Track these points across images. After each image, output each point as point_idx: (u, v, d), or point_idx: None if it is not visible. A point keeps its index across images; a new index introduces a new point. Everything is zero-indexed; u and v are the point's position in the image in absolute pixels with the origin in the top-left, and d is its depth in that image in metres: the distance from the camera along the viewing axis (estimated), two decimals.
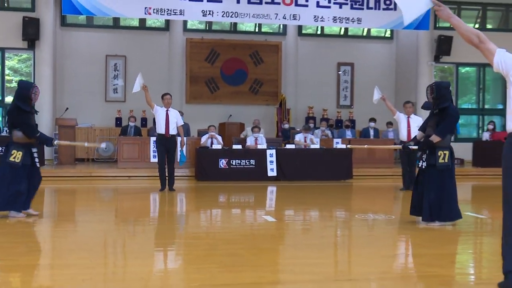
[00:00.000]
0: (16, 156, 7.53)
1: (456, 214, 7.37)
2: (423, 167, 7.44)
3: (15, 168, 7.55)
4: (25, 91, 7.64)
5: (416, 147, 7.84)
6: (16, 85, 7.94)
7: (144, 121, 19.21)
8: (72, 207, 10.06)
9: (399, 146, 8.57)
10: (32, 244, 6.46)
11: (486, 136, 18.10)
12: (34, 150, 7.84)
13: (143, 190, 12.61)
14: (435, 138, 7.28)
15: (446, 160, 7.30)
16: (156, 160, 15.10)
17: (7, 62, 18.97)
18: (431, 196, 7.26)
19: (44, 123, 17.72)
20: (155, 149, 15.25)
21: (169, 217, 8.67)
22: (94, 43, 19.83)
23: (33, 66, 18.30)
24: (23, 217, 7.70)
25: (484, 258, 5.86)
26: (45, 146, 8.22)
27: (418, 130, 8.04)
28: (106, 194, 12.15)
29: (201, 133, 16.37)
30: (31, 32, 17.46)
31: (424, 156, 7.44)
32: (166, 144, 11.36)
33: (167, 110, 11.38)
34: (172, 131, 11.38)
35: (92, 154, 18.41)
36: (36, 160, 7.83)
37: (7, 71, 19.00)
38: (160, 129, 11.34)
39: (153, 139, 15.43)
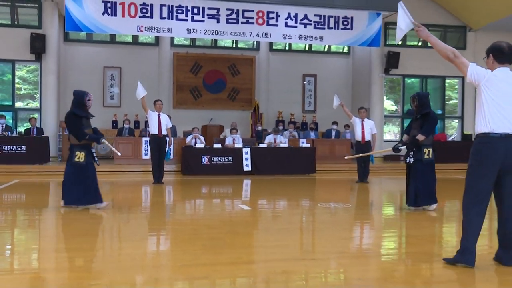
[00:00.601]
0: (80, 156, 7.49)
1: (435, 200, 7.83)
2: (411, 162, 7.73)
3: (81, 167, 7.50)
4: (80, 98, 7.61)
5: (404, 147, 8.05)
6: (72, 94, 7.84)
7: (137, 123, 19.12)
8: None
9: (389, 149, 8.66)
10: (41, 230, 6.38)
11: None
12: (93, 150, 7.80)
13: (136, 183, 12.53)
14: (420, 137, 7.58)
15: (430, 156, 7.68)
16: (147, 157, 15.13)
17: (17, 72, 18.67)
18: (418, 186, 7.63)
19: (50, 124, 17.57)
20: (146, 147, 15.22)
21: (159, 206, 8.61)
22: (93, 56, 19.67)
23: (40, 76, 18.09)
24: (106, 205, 7.74)
25: (427, 240, 5.93)
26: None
27: (404, 133, 8.32)
28: (103, 187, 11.99)
29: (186, 134, 16.34)
30: (38, 46, 17.27)
31: (411, 153, 7.72)
32: (159, 143, 11.42)
33: (158, 114, 11.42)
34: (164, 132, 11.43)
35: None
36: (95, 158, 7.79)
37: (17, 80, 18.71)
38: (154, 130, 11.37)
39: (145, 139, 15.40)
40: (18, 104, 18.91)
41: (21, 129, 17.58)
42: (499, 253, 4.55)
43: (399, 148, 8.12)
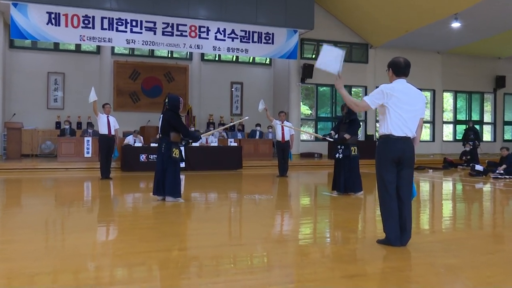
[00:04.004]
0: (175, 153, 7.41)
1: (361, 188, 8.53)
2: (340, 157, 8.51)
3: (175, 162, 7.43)
4: (176, 102, 7.56)
5: (331, 139, 8.91)
6: (167, 99, 7.66)
7: (79, 124, 18.43)
8: (19, 193, 9.41)
9: (321, 136, 9.70)
10: None
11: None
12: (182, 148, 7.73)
13: (79, 179, 12.02)
14: (347, 136, 8.45)
15: (356, 153, 8.50)
16: (89, 155, 14.66)
17: None
18: (346, 177, 8.37)
19: None
20: (88, 146, 14.72)
21: (100, 200, 8.31)
22: (37, 62, 18.71)
23: None
24: (182, 201, 7.48)
25: (336, 225, 6.09)
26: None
27: (331, 130, 9.08)
28: (47, 183, 11.46)
29: (126, 134, 15.99)
30: None
31: (340, 150, 8.50)
32: (108, 142, 11.19)
33: (107, 116, 11.21)
34: (112, 132, 11.24)
35: (36, 151, 17.42)
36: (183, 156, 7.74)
37: None
38: (103, 130, 11.14)
39: (87, 138, 14.90)
40: None
41: None
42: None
43: (327, 138, 8.97)
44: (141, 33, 15.98)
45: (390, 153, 4.53)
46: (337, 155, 8.58)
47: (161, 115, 7.73)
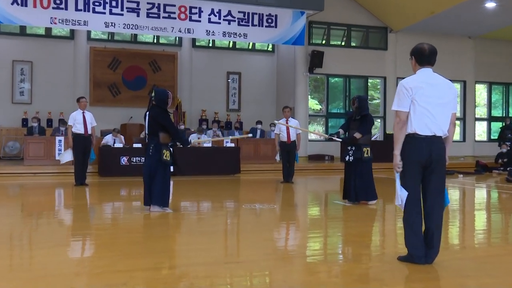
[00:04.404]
0: (166, 155, 7.39)
1: (375, 196, 8.49)
2: (350, 160, 8.46)
3: (166, 166, 7.50)
4: (164, 96, 7.57)
5: (339, 139, 8.84)
6: (154, 94, 7.65)
7: (49, 122, 18.44)
8: None
9: (326, 135, 9.81)
10: None
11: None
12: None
13: (49, 185, 12.03)
14: (357, 135, 8.36)
15: (369, 155, 8.45)
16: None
17: None
18: (357, 183, 8.34)
19: None
20: (60, 147, 14.73)
21: (74, 210, 8.31)
22: (0, 48, 18.71)
23: None
24: (170, 211, 7.51)
25: (350, 239, 6.08)
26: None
27: (340, 128, 9.04)
28: (12, 190, 11.46)
29: (104, 133, 16.00)
30: None
31: (351, 152, 8.45)
32: (84, 142, 11.11)
33: (83, 112, 11.16)
34: (89, 131, 11.18)
35: None
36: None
37: None
38: (79, 129, 11.06)
39: (58, 138, 14.89)
40: None
41: None
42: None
43: (334, 138, 8.87)
44: (122, 15, 15.97)
45: (415, 155, 4.49)
46: (347, 158, 8.53)
47: (147, 112, 7.72)
